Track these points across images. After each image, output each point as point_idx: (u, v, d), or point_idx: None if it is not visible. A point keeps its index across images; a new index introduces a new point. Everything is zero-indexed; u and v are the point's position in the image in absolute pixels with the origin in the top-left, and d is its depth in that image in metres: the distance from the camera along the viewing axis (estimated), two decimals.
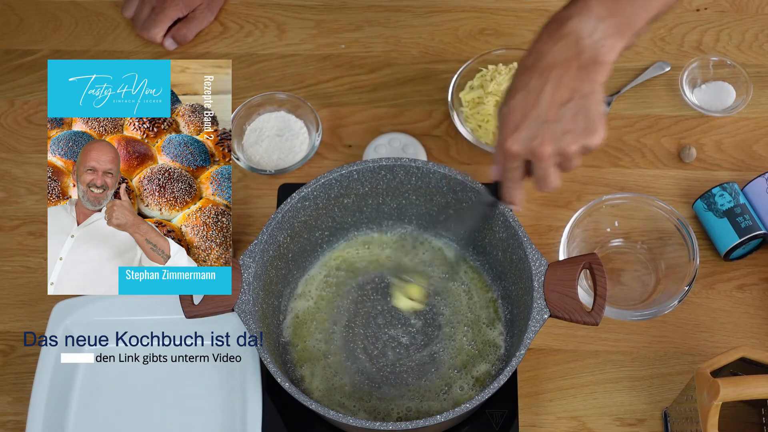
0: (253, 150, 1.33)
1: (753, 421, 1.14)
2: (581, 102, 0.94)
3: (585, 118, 0.95)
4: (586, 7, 0.94)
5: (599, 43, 0.94)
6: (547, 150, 0.95)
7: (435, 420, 1.00)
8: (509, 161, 0.98)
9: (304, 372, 1.16)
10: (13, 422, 1.17)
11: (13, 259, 1.27)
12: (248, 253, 1.08)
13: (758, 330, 1.21)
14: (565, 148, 0.95)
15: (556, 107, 0.94)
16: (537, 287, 1.05)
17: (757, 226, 1.22)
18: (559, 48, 0.94)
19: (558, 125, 0.94)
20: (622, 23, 0.95)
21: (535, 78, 0.95)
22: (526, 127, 0.95)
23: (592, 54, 0.94)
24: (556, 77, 0.94)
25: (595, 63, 0.94)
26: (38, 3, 1.48)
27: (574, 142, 0.95)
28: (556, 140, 0.95)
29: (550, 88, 0.94)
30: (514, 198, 1.03)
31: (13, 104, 1.39)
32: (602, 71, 0.95)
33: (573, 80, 0.94)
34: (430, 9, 1.46)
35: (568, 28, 0.94)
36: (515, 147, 0.96)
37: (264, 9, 1.47)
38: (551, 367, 1.19)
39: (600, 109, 0.95)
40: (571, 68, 0.94)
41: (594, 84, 0.94)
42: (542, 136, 0.94)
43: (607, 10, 0.94)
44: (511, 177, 1.00)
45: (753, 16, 1.44)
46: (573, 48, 0.94)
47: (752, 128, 1.34)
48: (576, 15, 0.94)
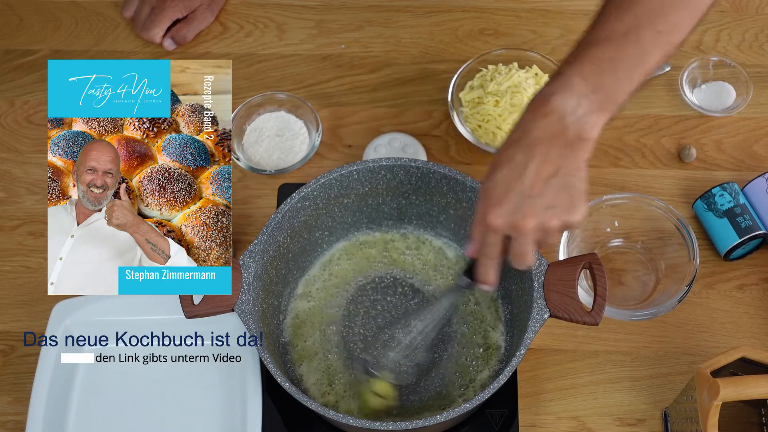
0: (253, 150, 1.33)
1: (753, 421, 1.14)
2: (565, 179, 0.94)
3: (568, 195, 0.94)
4: (568, 83, 0.94)
5: (582, 120, 0.94)
6: (530, 224, 0.94)
7: (435, 420, 1.00)
8: (489, 236, 0.97)
9: (304, 372, 1.16)
10: (13, 422, 1.17)
11: (13, 259, 1.27)
12: (248, 253, 1.08)
13: (758, 330, 1.21)
14: (547, 223, 0.94)
15: (541, 182, 0.93)
16: (537, 287, 1.05)
17: (757, 226, 1.22)
18: (544, 125, 0.94)
19: (541, 200, 0.93)
20: (604, 99, 0.95)
21: (521, 153, 0.94)
22: (508, 200, 0.94)
23: (575, 131, 0.94)
24: (542, 153, 0.93)
25: (579, 140, 0.94)
26: (38, 3, 1.48)
27: (557, 217, 0.94)
28: (539, 215, 0.94)
29: (536, 163, 0.93)
30: (489, 276, 1.01)
31: (13, 104, 1.39)
32: (586, 148, 0.95)
33: (558, 157, 0.93)
34: (430, 9, 1.46)
35: (551, 105, 0.94)
36: (497, 221, 0.95)
37: (264, 9, 1.47)
38: (551, 367, 1.19)
39: (583, 186, 0.95)
40: (556, 145, 0.94)
41: (578, 161, 0.94)
42: (525, 210, 0.93)
43: (588, 87, 0.94)
44: (489, 253, 0.99)
45: (753, 16, 1.44)
46: (557, 125, 0.94)
47: (752, 128, 1.34)
48: (558, 92, 0.94)
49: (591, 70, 0.94)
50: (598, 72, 0.94)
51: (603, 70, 0.95)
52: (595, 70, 0.94)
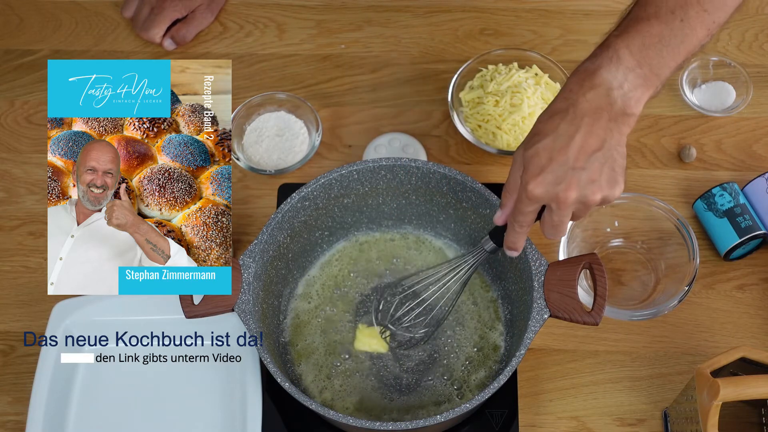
0: (253, 150, 1.33)
1: (753, 421, 1.14)
2: (609, 153, 0.94)
3: (611, 170, 0.94)
4: (616, 56, 0.95)
5: (628, 95, 0.94)
6: (572, 196, 0.93)
7: (435, 420, 1.00)
8: (526, 204, 0.96)
9: (303, 371, 1.16)
10: (13, 422, 1.17)
11: (13, 259, 1.27)
12: (248, 253, 1.08)
13: (758, 330, 1.21)
14: (589, 197, 0.94)
15: (586, 155, 0.93)
16: (537, 287, 1.05)
17: (757, 226, 1.22)
18: (590, 97, 0.94)
19: (584, 173, 0.93)
20: (649, 74, 0.95)
21: (566, 123, 0.94)
22: (551, 170, 0.93)
23: (621, 106, 0.94)
24: (588, 125, 0.93)
25: (624, 115, 0.95)
26: (38, 3, 1.48)
27: (599, 191, 0.94)
28: (582, 188, 0.93)
29: (581, 135, 0.93)
30: (518, 243, 1.01)
31: (13, 104, 1.39)
32: (630, 123, 0.95)
33: (603, 130, 0.93)
34: (430, 9, 1.46)
35: (598, 78, 0.94)
36: (538, 190, 0.94)
37: (264, 9, 1.47)
38: (551, 367, 1.19)
39: (624, 162, 0.95)
40: (602, 118, 0.94)
41: (621, 136, 0.95)
42: (568, 181, 0.93)
43: (635, 61, 0.95)
44: (522, 221, 0.98)
45: (753, 16, 1.44)
46: (604, 98, 0.94)
47: (752, 128, 1.34)
48: (605, 65, 0.95)
49: (638, 45, 0.95)
50: (645, 47, 0.95)
51: (650, 45, 0.95)
52: (642, 45, 0.95)
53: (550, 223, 0.97)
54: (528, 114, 1.29)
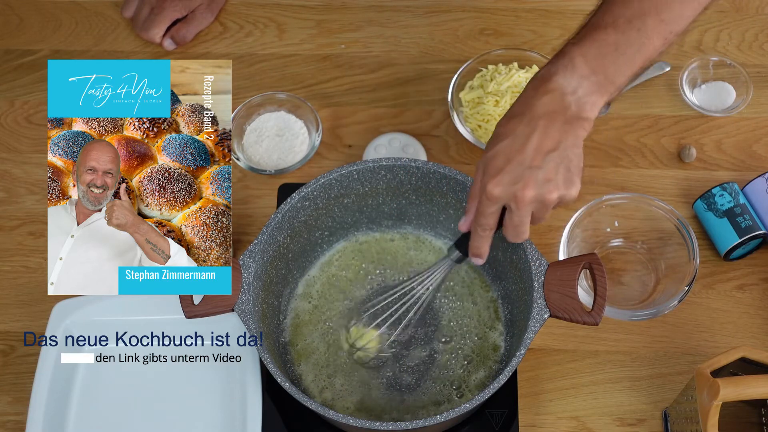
0: (253, 150, 1.33)
1: (753, 421, 1.14)
2: (565, 153, 0.96)
3: (566, 170, 0.97)
4: (571, 64, 0.97)
5: (582, 100, 0.97)
6: (529, 195, 0.95)
7: (435, 420, 1.00)
8: (487, 206, 0.98)
9: (303, 371, 1.16)
10: (13, 422, 1.17)
11: (13, 259, 1.27)
12: (248, 253, 1.08)
13: (758, 330, 1.21)
14: (546, 195, 0.96)
15: (542, 155, 0.95)
16: (537, 287, 1.05)
17: (757, 226, 1.22)
18: (545, 101, 0.96)
19: (540, 172, 0.95)
20: (604, 81, 0.97)
21: (523, 125, 0.96)
22: (509, 171, 0.96)
23: (576, 110, 0.96)
24: (543, 127, 0.96)
25: (579, 118, 0.97)
26: (38, 3, 1.48)
27: (555, 190, 0.96)
28: (539, 186, 0.96)
29: (537, 136, 0.95)
30: (482, 249, 1.02)
31: (13, 104, 1.39)
32: (585, 126, 0.97)
33: (558, 132, 0.96)
34: (430, 9, 1.46)
35: (553, 83, 0.97)
36: (496, 190, 0.96)
37: (264, 9, 1.47)
38: (551, 367, 1.19)
39: (580, 163, 0.98)
40: (557, 121, 0.96)
41: (577, 139, 0.97)
42: (525, 180, 0.95)
43: (590, 69, 0.97)
44: (484, 224, 1.00)
45: (753, 16, 1.44)
46: (559, 102, 0.96)
47: (752, 128, 1.34)
48: (561, 71, 0.97)
49: (594, 53, 0.97)
50: (600, 55, 0.97)
51: (605, 54, 0.97)
52: (597, 54, 0.97)
53: (511, 224, 0.99)
54: None
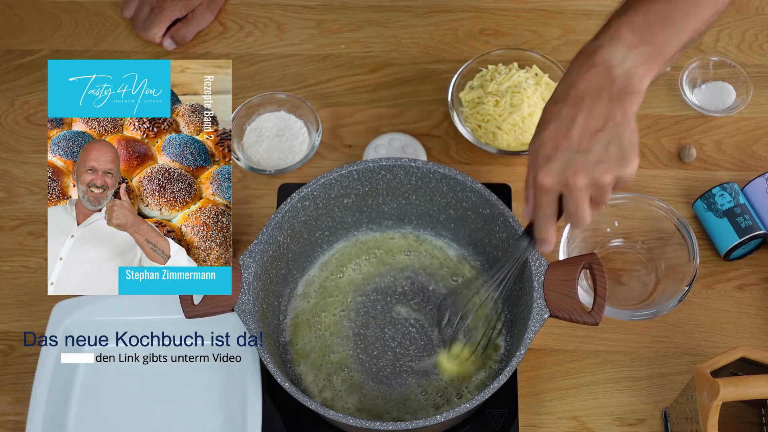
0: (253, 150, 1.33)
1: (753, 421, 1.14)
2: (614, 131, 0.92)
3: (618, 148, 0.93)
4: (617, 34, 0.93)
5: (630, 72, 0.92)
6: (581, 181, 0.92)
7: (435, 420, 1.00)
8: (542, 195, 0.95)
9: (303, 371, 1.16)
10: (13, 422, 1.17)
11: (13, 259, 1.27)
12: (248, 253, 1.08)
13: (758, 330, 1.21)
14: (599, 178, 0.92)
15: (589, 136, 0.92)
16: (537, 287, 1.05)
17: (757, 226, 1.22)
18: (590, 77, 0.92)
19: (591, 155, 0.92)
20: (653, 51, 0.93)
21: (567, 108, 0.93)
22: (558, 158, 0.92)
23: (624, 83, 0.92)
24: (588, 106, 0.92)
25: (627, 92, 0.93)
26: (38, 3, 1.48)
27: (608, 171, 0.92)
28: (589, 170, 0.92)
29: (583, 117, 0.92)
30: (547, 235, 0.99)
31: (13, 104, 1.39)
32: (635, 100, 0.93)
33: (605, 109, 0.92)
34: (430, 9, 1.46)
35: (598, 57, 0.93)
36: (548, 180, 0.93)
37: (264, 9, 1.47)
38: (551, 367, 1.19)
39: (634, 138, 0.93)
40: (603, 97, 0.92)
41: (626, 113, 0.93)
42: (575, 166, 0.92)
43: (637, 38, 0.93)
44: (544, 212, 0.97)
45: (753, 16, 1.44)
46: (604, 77, 0.92)
47: (752, 128, 1.34)
48: (606, 44, 0.93)
49: (641, 22, 0.93)
50: (648, 24, 0.93)
51: (653, 23, 0.93)
52: (645, 22, 0.93)
53: (569, 211, 0.96)
54: (528, 114, 1.29)
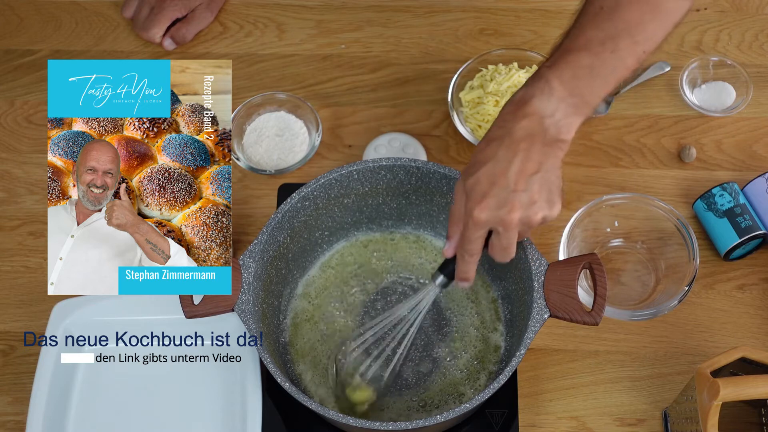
0: (253, 150, 1.33)
1: (753, 421, 1.14)
2: (546, 175, 0.97)
3: (548, 191, 0.98)
4: (548, 87, 0.98)
5: (560, 123, 0.98)
6: (516, 218, 0.96)
7: (435, 420, 1.00)
8: (473, 231, 0.98)
9: (302, 371, 1.16)
10: (13, 422, 1.17)
11: (13, 259, 1.27)
12: (248, 253, 1.08)
13: (758, 330, 1.21)
14: (531, 217, 0.97)
15: (525, 178, 0.96)
16: (537, 287, 1.05)
17: (757, 226, 1.22)
18: (524, 125, 0.97)
19: (525, 195, 0.96)
20: (580, 102, 0.99)
21: (503, 149, 0.97)
22: (494, 195, 0.96)
23: (555, 132, 0.98)
24: (524, 150, 0.97)
25: (557, 140, 0.98)
26: (38, 3, 1.48)
27: (540, 211, 0.97)
28: (524, 209, 0.97)
29: (520, 159, 0.96)
30: (469, 273, 1.03)
31: (13, 104, 1.39)
32: (563, 148, 0.99)
33: (539, 155, 0.97)
34: (430, 9, 1.46)
35: (531, 107, 0.98)
36: (483, 215, 0.97)
37: (264, 9, 1.47)
38: (551, 367, 1.19)
39: (560, 183, 0.99)
40: (536, 143, 0.97)
41: (556, 160, 0.98)
42: (511, 204, 0.96)
43: (567, 91, 0.98)
44: (471, 249, 1.00)
45: (753, 16, 1.44)
46: (538, 126, 0.97)
47: (752, 128, 1.34)
48: (538, 94, 0.98)
49: (569, 76, 0.99)
50: (576, 77, 0.99)
51: (581, 77, 0.99)
52: (573, 76, 0.99)
53: (500, 246, 1.00)
54: None
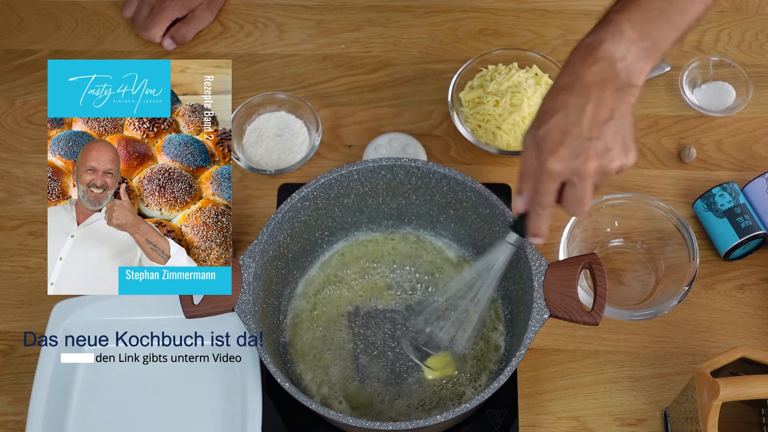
0: (253, 150, 1.33)
1: (753, 421, 1.14)
2: (620, 121, 0.95)
3: (623, 138, 0.96)
4: (618, 30, 0.96)
5: (631, 67, 0.96)
6: (592, 167, 0.94)
7: (435, 420, 1.00)
8: (547, 182, 0.96)
9: (302, 371, 1.16)
10: (13, 422, 1.17)
11: (13, 259, 1.27)
12: (248, 253, 1.08)
13: (758, 330, 1.21)
14: (608, 166, 0.95)
15: (599, 125, 0.94)
16: (537, 287, 1.05)
17: (757, 226, 1.22)
18: (595, 70, 0.95)
19: (600, 143, 0.94)
20: (651, 46, 0.97)
21: (574, 97, 0.95)
22: (568, 144, 0.94)
23: (626, 76, 0.96)
24: (597, 96, 0.94)
25: (629, 85, 0.96)
26: (38, 3, 1.48)
27: (617, 159, 0.95)
28: (600, 157, 0.94)
29: (592, 106, 0.94)
30: (542, 228, 1.00)
31: (13, 104, 1.39)
32: (634, 93, 0.97)
33: (612, 100, 0.95)
34: (430, 9, 1.46)
35: (602, 51, 0.96)
36: (557, 166, 0.94)
37: (264, 9, 1.47)
38: (551, 367, 1.19)
39: (633, 129, 0.97)
40: (608, 89, 0.95)
41: (628, 106, 0.96)
42: (586, 153, 0.94)
43: (638, 34, 0.96)
44: (544, 202, 0.98)
45: (753, 16, 1.44)
46: (609, 70, 0.95)
47: (752, 128, 1.34)
48: (609, 38, 0.96)
49: (640, 19, 0.97)
50: (646, 20, 0.97)
51: (651, 20, 0.97)
52: (643, 19, 0.97)
53: (574, 198, 0.97)
54: (528, 114, 1.29)
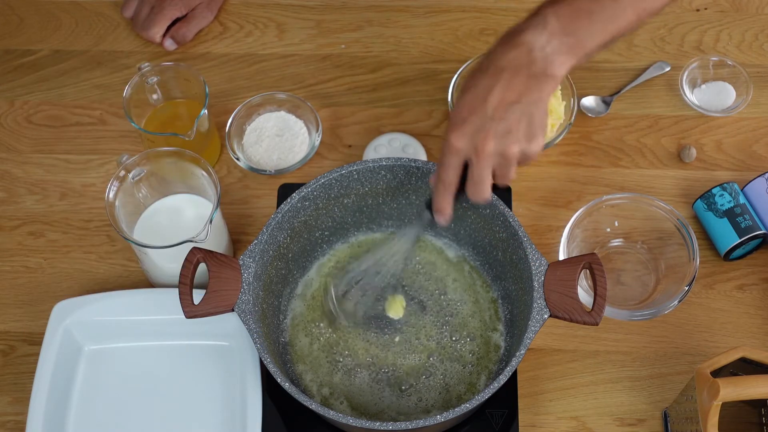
0: (253, 150, 1.33)
1: (753, 421, 1.14)
2: (527, 108, 0.96)
3: (528, 124, 0.97)
4: (543, 21, 0.97)
5: (550, 57, 0.97)
6: (489, 145, 0.96)
7: (435, 420, 1.00)
8: (448, 157, 0.99)
9: (302, 370, 1.16)
10: (13, 422, 1.17)
11: (13, 259, 1.27)
12: (248, 253, 1.08)
13: (758, 330, 1.21)
14: (507, 148, 0.97)
15: (504, 107, 0.96)
16: (537, 287, 1.05)
17: (757, 226, 1.22)
18: (512, 55, 0.97)
19: (502, 124, 0.96)
20: (575, 43, 0.98)
21: (486, 78, 0.97)
22: (471, 121, 0.96)
23: (542, 66, 0.97)
24: (506, 79, 0.96)
25: (545, 75, 0.97)
26: (38, 3, 1.48)
27: (516, 142, 0.97)
28: (499, 137, 0.96)
29: (500, 88, 0.96)
30: (443, 205, 1.03)
31: (13, 104, 1.39)
32: (550, 83, 0.98)
33: (522, 85, 0.96)
34: (430, 9, 1.46)
35: (522, 38, 0.97)
36: (458, 141, 0.97)
37: (264, 9, 1.47)
38: (551, 367, 1.19)
39: (543, 119, 0.98)
40: (521, 74, 0.96)
41: (541, 93, 0.97)
42: (486, 131, 0.96)
43: (562, 28, 0.97)
44: (445, 178, 1.00)
45: (753, 16, 1.44)
46: (525, 57, 0.97)
47: (752, 128, 1.34)
48: (531, 28, 0.97)
49: (567, 14, 0.98)
50: (573, 17, 0.98)
51: (579, 17, 0.98)
52: (571, 15, 0.98)
53: (472, 179, 0.99)
54: None
